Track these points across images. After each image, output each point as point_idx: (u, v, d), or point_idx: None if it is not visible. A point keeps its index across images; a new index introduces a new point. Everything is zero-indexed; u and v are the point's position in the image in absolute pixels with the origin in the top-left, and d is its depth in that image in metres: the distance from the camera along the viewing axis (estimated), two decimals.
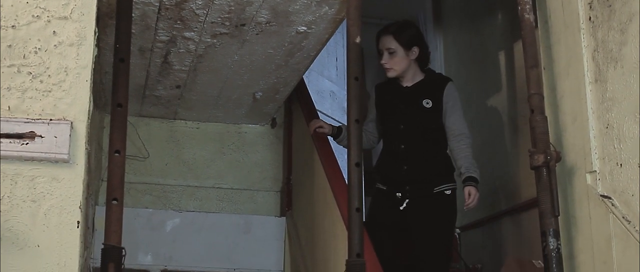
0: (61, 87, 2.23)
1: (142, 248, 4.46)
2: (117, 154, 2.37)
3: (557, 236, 2.73)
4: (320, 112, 4.69)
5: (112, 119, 2.43)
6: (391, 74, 3.70)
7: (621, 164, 2.62)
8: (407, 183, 3.60)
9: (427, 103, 3.63)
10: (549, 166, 2.78)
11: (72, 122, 2.20)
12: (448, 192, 3.57)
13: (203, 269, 4.57)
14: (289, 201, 4.70)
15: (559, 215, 2.75)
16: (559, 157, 2.81)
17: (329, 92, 5.68)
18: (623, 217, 2.57)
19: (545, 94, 2.93)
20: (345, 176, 2.87)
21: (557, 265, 2.72)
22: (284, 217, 4.73)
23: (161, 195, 4.70)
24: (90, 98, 2.26)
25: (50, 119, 2.19)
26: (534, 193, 2.86)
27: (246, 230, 4.65)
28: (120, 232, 2.33)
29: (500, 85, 4.20)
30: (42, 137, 2.16)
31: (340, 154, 4.02)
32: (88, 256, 3.58)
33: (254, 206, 4.83)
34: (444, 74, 4.72)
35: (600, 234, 2.68)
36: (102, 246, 2.32)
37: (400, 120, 3.67)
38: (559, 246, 2.72)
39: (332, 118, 5.37)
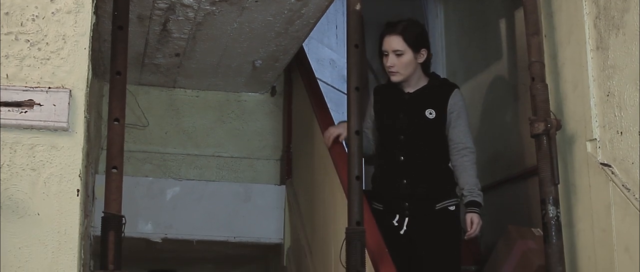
0: (59, 55, 2.22)
1: (142, 216, 4.46)
2: (116, 123, 2.36)
3: (556, 204, 2.74)
4: (320, 80, 4.67)
5: (111, 87, 2.42)
6: (396, 79, 3.34)
7: (621, 132, 2.61)
8: (406, 199, 3.29)
9: (431, 113, 3.31)
10: (549, 134, 2.78)
11: (70, 90, 2.19)
12: (452, 208, 3.28)
13: (203, 238, 4.59)
14: (289, 169, 4.71)
15: (558, 183, 2.76)
16: (559, 125, 2.81)
17: (329, 60, 5.67)
18: (623, 185, 2.57)
19: (546, 62, 2.92)
20: (345, 144, 2.87)
21: (556, 233, 2.73)
22: (284, 186, 4.73)
23: (161, 163, 4.70)
24: (88, 66, 2.25)
25: (49, 87, 2.18)
26: (533, 161, 2.87)
27: (246, 198, 4.65)
28: (120, 201, 2.33)
29: (501, 53, 4.18)
30: (40, 105, 2.15)
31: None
32: (88, 224, 3.59)
33: (254, 174, 4.84)
34: (443, 43, 4.70)
35: (599, 202, 2.68)
36: (102, 214, 2.33)
37: (400, 130, 3.34)
38: (559, 214, 2.72)
39: (331, 86, 5.36)
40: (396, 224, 3.28)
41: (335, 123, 3.87)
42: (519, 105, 3.93)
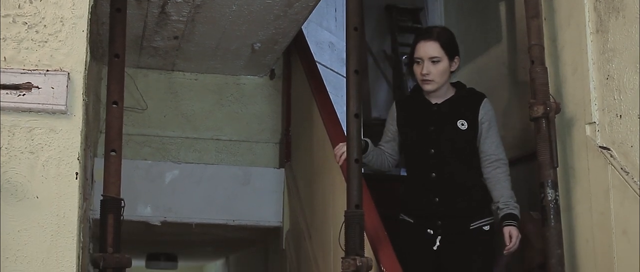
0: (57, 37, 2.21)
1: (142, 200, 4.47)
2: (115, 105, 2.36)
3: (555, 187, 2.74)
4: (319, 63, 4.67)
5: (109, 69, 2.42)
6: (431, 87, 3.11)
7: (621, 116, 2.61)
8: (439, 217, 3.08)
9: (463, 124, 3.09)
10: (549, 117, 2.78)
11: (69, 73, 2.18)
12: (486, 227, 3.08)
13: (202, 221, 4.60)
14: (288, 153, 4.71)
15: (557, 166, 2.76)
16: (558, 109, 2.80)
17: (328, 43, 5.66)
18: (621, 169, 2.57)
19: (545, 45, 2.92)
20: (345, 127, 2.87)
21: (554, 216, 2.73)
22: (283, 169, 4.74)
23: (160, 147, 4.70)
24: (87, 48, 2.24)
25: (47, 70, 2.17)
26: (532, 144, 2.86)
27: (245, 182, 4.66)
28: (119, 184, 2.33)
29: (501, 36, 4.16)
30: (38, 88, 2.14)
31: (339, 105, 4.01)
32: (87, 207, 3.59)
33: (253, 157, 4.84)
34: (444, 25, 4.67)
35: (598, 186, 2.68)
36: (101, 198, 2.33)
37: (430, 144, 3.11)
38: (557, 197, 2.73)
39: (330, 69, 5.35)
40: (431, 232, 3.09)
41: (333, 105, 3.86)
42: (518, 89, 3.92)
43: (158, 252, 8.12)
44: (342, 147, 3.04)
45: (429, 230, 3.08)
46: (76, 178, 2.17)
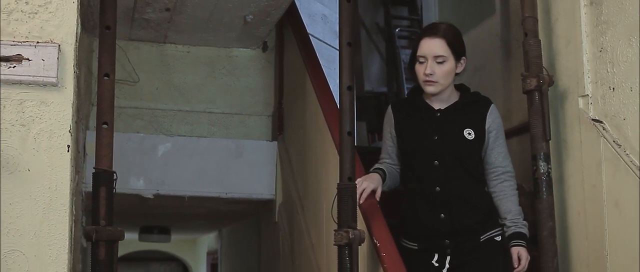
0: (47, 9, 2.19)
1: (134, 173, 4.46)
2: (106, 78, 2.34)
3: (547, 159, 2.75)
4: (312, 35, 4.65)
5: (100, 42, 2.39)
6: (434, 90, 2.82)
7: (614, 88, 2.61)
8: (446, 236, 2.80)
9: (470, 133, 2.82)
10: (542, 90, 2.78)
11: (59, 45, 2.16)
12: (498, 238, 2.82)
13: (195, 194, 4.61)
14: (281, 125, 4.70)
15: (550, 139, 2.77)
16: (551, 81, 2.80)
17: (321, 15, 5.63)
18: (614, 141, 2.58)
19: (539, 17, 2.91)
20: (337, 100, 2.86)
21: (547, 188, 2.74)
22: (276, 142, 4.73)
23: (152, 119, 4.69)
24: (77, 20, 2.22)
25: (37, 42, 2.15)
26: (525, 117, 2.86)
27: (238, 154, 4.66)
28: (111, 156, 2.32)
29: (494, 8, 4.15)
30: (29, 60, 2.12)
31: (332, 78, 4.00)
32: (80, 180, 3.59)
33: (246, 130, 4.83)
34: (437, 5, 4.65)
35: (590, 158, 2.69)
36: (93, 170, 2.32)
37: (433, 155, 2.82)
38: (549, 170, 2.74)
39: (323, 42, 5.33)
40: (436, 265, 2.82)
41: (326, 78, 3.83)
42: (512, 61, 3.92)
43: (151, 225, 8.15)
44: (361, 185, 2.80)
45: (435, 255, 2.82)
46: (68, 151, 2.16)
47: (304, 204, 4.09)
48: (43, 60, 2.13)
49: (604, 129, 2.64)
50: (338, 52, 2.76)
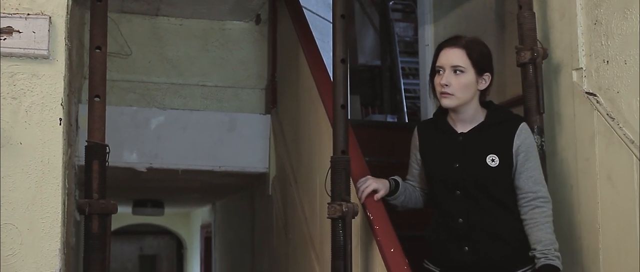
0: None
1: (127, 146, 4.46)
2: (98, 50, 2.32)
3: (541, 133, 2.75)
4: (305, 8, 4.61)
5: (91, 14, 2.37)
6: (449, 103, 2.58)
7: (608, 61, 2.61)
8: (469, 268, 2.59)
9: (493, 160, 2.56)
10: (536, 63, 2.77)
11: (50, 17, 2.15)
12: None
13: (188, 167, 4.60)
14: (274, 99, 4.69)
15: (543, 112, 2.76)
16: (545, 54, 2.79)
17: None
18: (607, 115, 2.58)
19: None
20: (331, 73, 2.85)
21: (540, 162, 2.74)
22: (269, 115, 4.73)
23: (145, 93, 4.67)
24: None
25: (28, 14, 2.14)
26: (519, 90, 2.86)
27: (231, 128, 4.65)
28: (103, 130, 2.31)
29: None
30: (20, 32, 2.11)
31: (326, 51, 3.98)
32: (72, 153, 3.57)
33: (239, 103, 4.83)
34: None
35: (584, 132, 2.69)
36: (86, 143, 2.31)
37: (455, 184, 2.60)
38: (543, 143, 2.74)
39: (316, 14, 5.30)
40: None
41: (320, 51, 3.82)
42: (506, 34, 3.90)
43: (145, 199, 8.15)
44: (366, 182, 2.73)
45: None
46: (60, 124, 2.16)
47: (297, 178, 4.09)
48: (34, 32, 2.12)
49: (597, 102, 2.64)
50: (331, 24, 2.74)
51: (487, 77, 2.62)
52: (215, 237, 8.10)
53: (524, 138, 2.57)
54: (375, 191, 2.73)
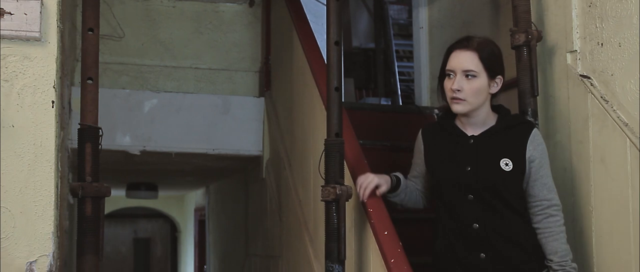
0: None
1: (121, 129, 4.45)
2: (90, 33, 2.31)
3: (535, 115, 2.75)
4: None
5: None
6: (461, 109, 2.49)
7: (602, 44, 2.60)
8: None
9: (507, 164, 2.47)
10: (530, 46, 2.76)
11: None
12: None
13: (182, 150, 4.60)
14: (268, 81, 4.68)
15: (537, 95, 2.76)
16: (539, 37, 2.79)
17: None
18: (601, 97, 2.58)
19: None
20: (325, 55, 2.84)
21: None
22: (263, 98, 4.72)
23: (138, 75, 4.65)
24: None
25: None
26: (513, 73, 2.86)
27: (225, 110, 4.64)
28: (96, 112, 2.30)
29: None
30: (11, 14, 2.09)
31: (320, 33, 3.96)
32: (65, 136, 3.56)
33: (233, 86, 4.82)
34: None
35: (577, 114, 2.69)
36: (79, 126, 2.30)
37: (467, 189, 2.50)
38: (537, 126, 2.73)
39: None
40: None
41: (314, 33, 3.80)
42: (500, 17, 3.89)
43: (138, 182, 8.15)
44: (367, 178, 2.65)
45: None
46: (52, 107, 2.14)
47: (291, 160, 4.09)
48: (25, 14, 2.10)
49: (591, 84, 2.63)
50: (325, 6, 2.73)
51: (498, 80, 2.53)
52: (209, 220, 8.11)
53: (537, 144, 2.50)
54: (376, 187, 2.65)
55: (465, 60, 2.48)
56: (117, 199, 9.65)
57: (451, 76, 2.50)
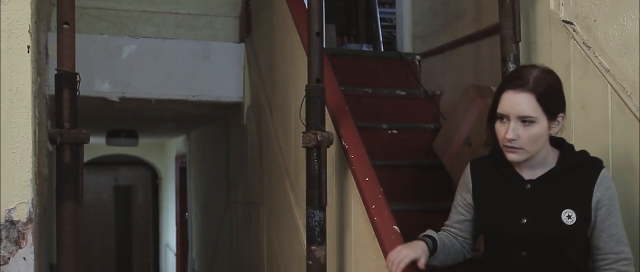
0: None
1: (99, 75, 4.39)
2: None
3: (517, 61, 2.74)
4: None
5: None
6: (517, 158, 2.13)
7: None
8: None
9: (570, 216, 2.10)
10: None
11: None
12: None
13: (161, 96, 4.56)
14: (248, 27, 4.63)
15: (520, 41, 2.75)
16: None
17: None
18: (583, 43, 2.57)
19: None
20: (306, 0, 2.80)
21: None
22: (243, 44, 4.68)
23: (116, 20, 4.58)
24: None
25: None
26: (496, 19, 2.84)
27: (205, 56, 4.59)
28: (73, 57, 2.26)
29: None
30: None
31: None
32: (42, 82, 3.51)
33: (213, 31, 4.76)
34: None
35: (559, 60, 2.69)
36: (56, 72, 2.26)
37: (521, 244, 2.14)
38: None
39: None
40: None
41: None
42: None
43: (118, 129, 8.10)
44: (400, 253, 2.22)
45: None
46: (28, 51, 2.11)
47: (272, 107, 4.07)
48: None
49: (574, 30, 2.62)
50: None
51: (560, 118, 2.14)
52: (190, 167, 8.10)
53: (605, 189, 2.12)
54: (414, 260, 2.22)
55: (520, 104, 2.08)
56: (98, 146, 9.59)
57: (504, 121, 2.12)
